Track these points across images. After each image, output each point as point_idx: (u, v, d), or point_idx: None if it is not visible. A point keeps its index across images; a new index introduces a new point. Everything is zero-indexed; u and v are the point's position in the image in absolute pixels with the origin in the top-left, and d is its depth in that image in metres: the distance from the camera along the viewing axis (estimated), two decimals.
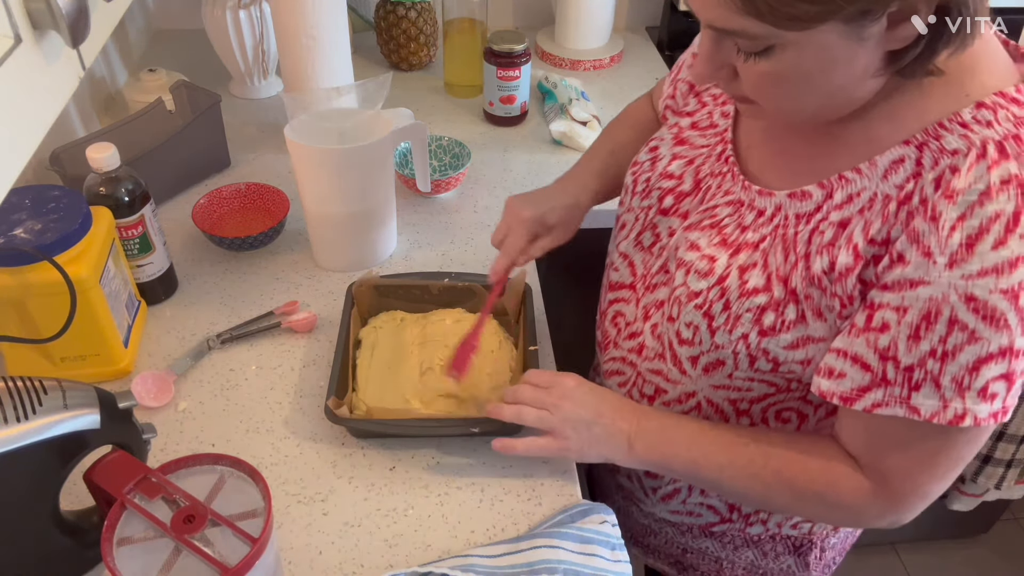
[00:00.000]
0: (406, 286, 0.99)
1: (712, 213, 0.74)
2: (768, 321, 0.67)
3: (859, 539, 0.95)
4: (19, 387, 0.63)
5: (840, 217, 0.64)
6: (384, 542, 0.78)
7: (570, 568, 0.73)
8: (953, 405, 0.59)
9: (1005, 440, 1.45)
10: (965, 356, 0.58)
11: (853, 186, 0.64)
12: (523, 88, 1.37)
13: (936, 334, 0.58)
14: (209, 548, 0.60)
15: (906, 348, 0.60)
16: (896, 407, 0.61)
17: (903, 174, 0.60)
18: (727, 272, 0.70)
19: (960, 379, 0.58)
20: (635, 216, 0.83)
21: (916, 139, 0.60)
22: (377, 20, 1.52)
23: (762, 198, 0.70)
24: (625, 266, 0.85)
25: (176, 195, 1.21)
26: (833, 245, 0.63)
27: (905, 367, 0.60)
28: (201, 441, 0.87)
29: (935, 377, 0.59)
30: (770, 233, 0.68)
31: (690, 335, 0.73)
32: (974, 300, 0.56)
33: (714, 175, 0.76)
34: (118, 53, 1.45)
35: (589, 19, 1.57)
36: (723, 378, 0.74)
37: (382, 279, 0.98)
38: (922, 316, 0.58)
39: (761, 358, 0.69)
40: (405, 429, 0.86)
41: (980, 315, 0.56)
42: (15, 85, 0.49)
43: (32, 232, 0.80)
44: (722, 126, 0.78)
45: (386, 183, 1.05)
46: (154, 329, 1.00)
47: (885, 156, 0.62)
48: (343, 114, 1.02)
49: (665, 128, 0.85)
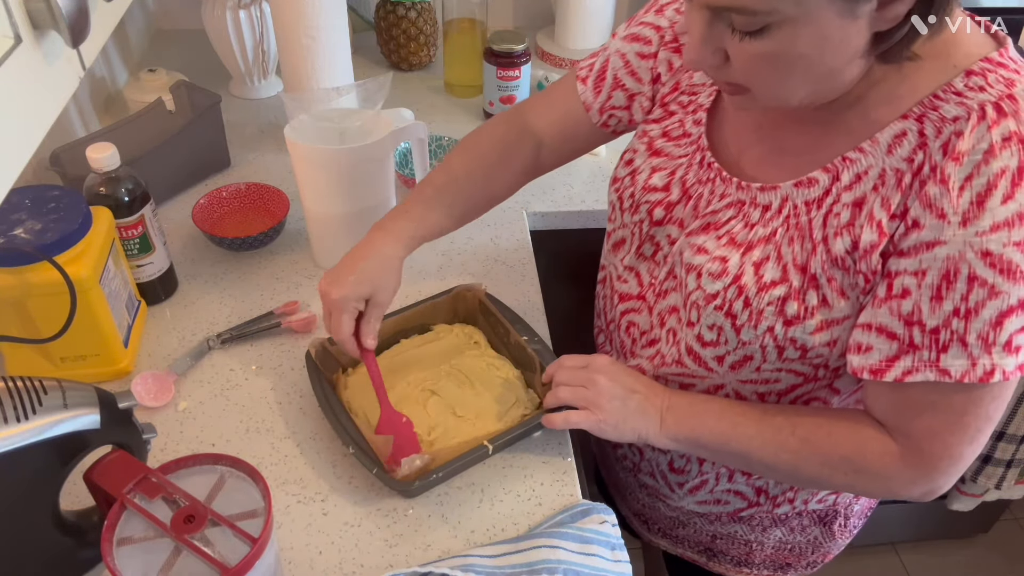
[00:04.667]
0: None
1: (713, 217, 0.74)
2: (791, 310, 0.68)
3: (859, 539, 0.95)
4: (19, 387, 0.63)
5: (853, 197, 0.65)
6: (384, 542, 0.78)
7: (570, 568, 0.73)
8: (982, 362, 0.60)
9: (1005, 440, 1.45)
10: (988, 311, 0.59)
11: (858, 165, 0.65)
12: (523, 88, 1.37)
13: (957, 292, 0.59)
14: (209, 548, 0.60)
15: (930, 310, 0.61)
16: (927, 371, 0.62)
17: (908, 147, 0.62)
18: (741, 271, 0.70)
19: (985, 335, 0.60)
20: (630, 231, 0.83)
21: (914, 112, 0.62)
22: (377, 20, 1.52)
23: (765, 193, 0.70)
24: (632, 277, 0.85)
25: (176, 195, 1.21)
26: (853, 224, 0.64)
27: (931, 329, 0.61)
28: (201, 441, 0.87)
29: (961, 336, 0.60)
30: (781, 225, 0.69)
31: (714, 336, 0.73)
32: (990, 255, 0.58)
33: (701, 182, 0.76)
34: (118, 53, 1.45)
35: (589, 19, 1.57)
36: (751, 372, 0.75)
37: (330, 341, 0.90)
38: (942, 276, 0.60)
39: (789, 347, 0.70)
40: (468, 464, 0.82)
41: (997, 269, 0.58)
42: (15, 85, 0.49)
43: (32, 232, 0.80)
44: (695, 134, 0.78)
45: (386, 183, 1.05)
46: (154, 329, 1.00)
47: (886, 132, 0.63)
48: (343, 114, 1.02)
49: (636, 140, 0.84)
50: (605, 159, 1.32)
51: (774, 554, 0.97)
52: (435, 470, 0.78)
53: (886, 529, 1.81)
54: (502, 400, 0.88)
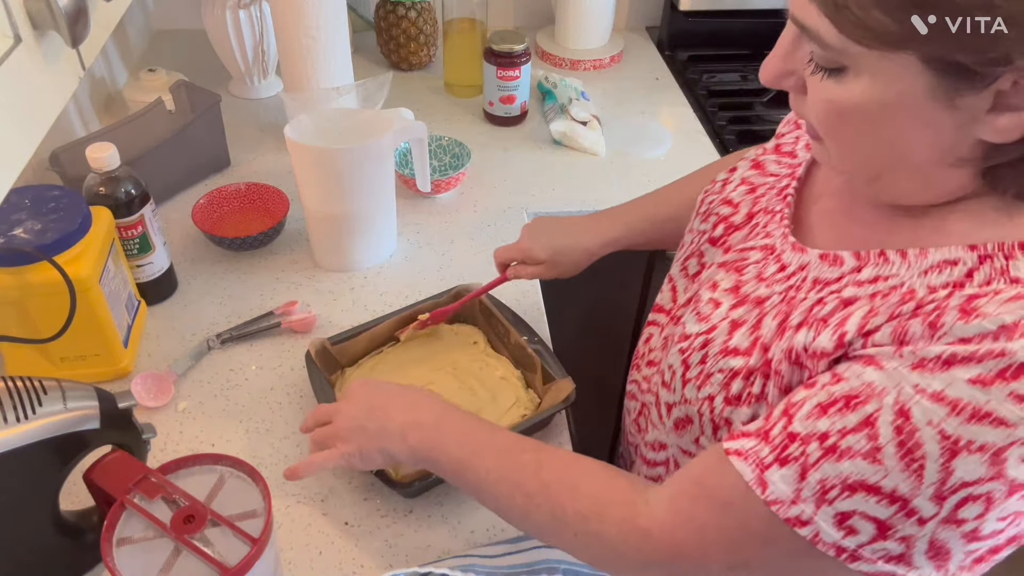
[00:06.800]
0: (360, 336, 0.93)
1: (745, 255, 0.67)
2: (735, 389, 0.59)
3: None
4: (19, 387, 0.63)
5: (852, 293, 0.54)
6: (384, 542, 0.78)
7: (570, 568, 0.73)
8: (803, 507, 0.49)
9: None
10: (847, 467, 0.48)
11: (888, 268, 0.54)
12: (523, 88, 1.37)
13: (842, 422, 0.48)
14: (209, 548, 0.60)
15: (805, 413, 0.51)
16: (748, 464, 0.52)
17: (946, 278, 0.50)
18: (719, 323, 0.63)
19: (829, 487, 0.48)
20: (691, 239, 0.77)
21: (984, 249, 0.49)
22: (377, 20, 1.52)
23: (792, 252, 0.62)
24: (668, 289, 0.79)
25: (176, 195, 1.21)
26: (826, 321, 0.54)
27: (790, 432, 0.51)
28: (201, 441, 0.87)
29: (807, 464, 0.49)
30: (780, 292, 0.60)
31: (669, 378, 0.67)
32: (907, 415, 0.46)
33: (767, 212, 0.68)
34: (118, 53, 1.45)
35: (589, 19, 1.57)
36: (690, 442, 0.66)
37: (330, 341, 0.91)
38: (846, 394, 0.49)
39: (724, 427, 0.61)
40: None
41: (898, 438, 0.46)
42: (15, 85, 0.49)
43: (32, 232, 0.80)
44: (800, 158, 0.69)
45: (386, 183, 1.05)
46: (154, 329, 1.00)
47: (940, 251, 0.51)
48: (343, 114, 1.02)
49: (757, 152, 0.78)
50: (605, 159, 1.32)
51: None
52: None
53: None
54: (502, 400, 0.88)
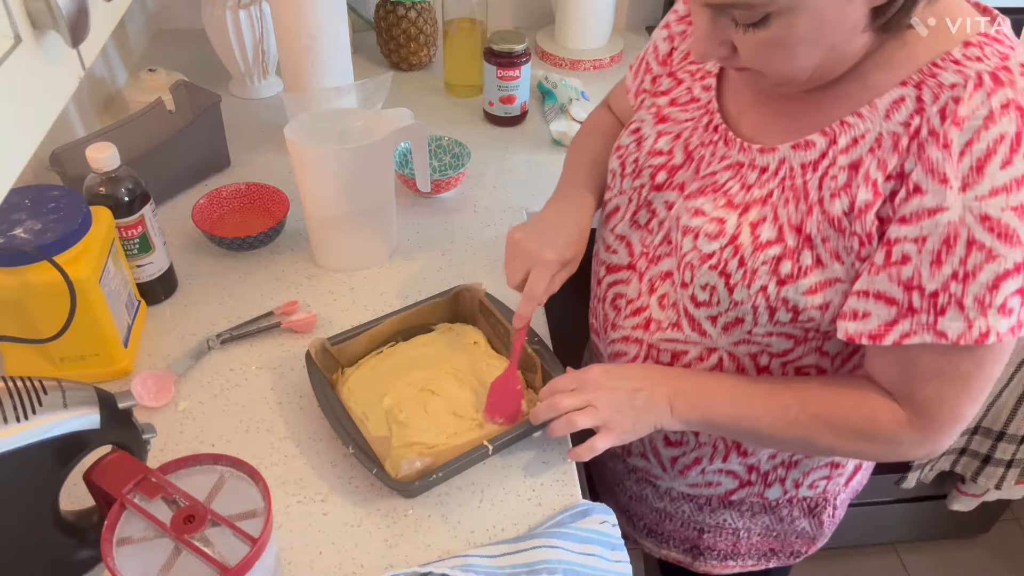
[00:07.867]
0: (360, 336, 0.93)
1: (712, 180, 0.76)
2: (785, 270, 0.70)
3: (859, 539, 0.95)
4: (19, 387, 0.63)
5: (849, 160, 0.67)
6: (384, 542, 0.78)
7: (570, 568, 0.73)
8: (977, 324, 0.63)
9: (1005, 440, 1.45)
10: (985, 275, 0.61)
11: (856, 129, 0.67)
12: (523, 88, 1.37)
13: (956, 256, 0.62)
14: (209, 548, 0.60)
15: (929, 274, 0.63)
16: (924, 334, 0.64)
17: (905, 112, 0.64)
18: (738, 231, 0.72)
19: (982, 298, 0.62)
20: (628, 198, 0.85)
21: (912, 79, 0.65)
22: (377, 20, 1.52)
23: (764, 155, 0.73)
24: (623, 247, 0.86)
25: (176, 195, 1.21)
26: (850, 186, 0.67)
27: (930, 293, 0.63)
28: (201, 441, 0.87)
29: (958, 299, 0.62)
30: (777, 186, 0.71)
31: (707, 296, 0.75)
32: (988, 219, 0.60)
33: (704, 144, 0.78)
34: (118, 53, 1.45)
35: (589, 19, 1.57)
36: (742, 334, 0.76)
37: (330, 341, 0.91)
38: (942, 241, 0.62)
39: (780, 308, 0.71)
40: (468, 465, 0.82)
41: (995, 233, 0.60)
42: (15, 85, 0.49)
43: (32, 232, 0.80)
44: (704, 99, 0.80)
45: (386, 183, 1.05)
46: (154, 329, 1.00)
47: (884, 98, 0.66)
48: (343, 114, 1.02)
49: (644, 111, 0.86)
50: None
51: (760, 542, 0.97)
52: (435, 470, 0.78)
53: (886, 529, 1.81)
54: None
